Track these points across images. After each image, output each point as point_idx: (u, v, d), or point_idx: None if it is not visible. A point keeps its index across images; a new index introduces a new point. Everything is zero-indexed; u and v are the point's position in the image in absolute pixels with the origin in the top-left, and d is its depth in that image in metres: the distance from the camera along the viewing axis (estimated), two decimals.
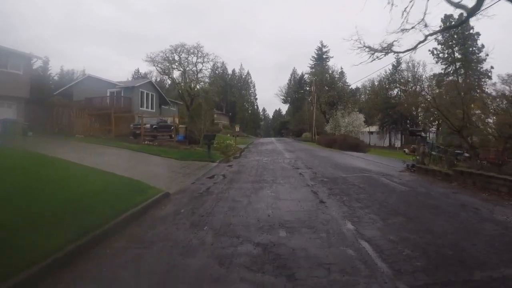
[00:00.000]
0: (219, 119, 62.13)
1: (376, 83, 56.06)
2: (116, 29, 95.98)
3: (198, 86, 32.38)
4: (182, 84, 32.68)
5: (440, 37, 35.00)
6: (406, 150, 35.87)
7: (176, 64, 31.91)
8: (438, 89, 35.72)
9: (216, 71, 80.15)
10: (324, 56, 65.00)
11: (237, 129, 47.93)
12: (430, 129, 57.93)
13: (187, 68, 31.95)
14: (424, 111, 48.45)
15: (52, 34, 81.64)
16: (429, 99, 19.32)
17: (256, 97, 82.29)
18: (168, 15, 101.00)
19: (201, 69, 32.71)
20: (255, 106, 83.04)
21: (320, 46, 65.48)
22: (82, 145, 12.19)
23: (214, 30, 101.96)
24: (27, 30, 67.78)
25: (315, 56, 65.59)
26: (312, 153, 18.54)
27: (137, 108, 24.39)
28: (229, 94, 77.74)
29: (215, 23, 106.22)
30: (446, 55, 36.10)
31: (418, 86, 51.08)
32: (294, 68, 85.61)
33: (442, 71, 35.60)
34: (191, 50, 31.63)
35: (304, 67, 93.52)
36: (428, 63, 68.77)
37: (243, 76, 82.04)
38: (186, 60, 31.59)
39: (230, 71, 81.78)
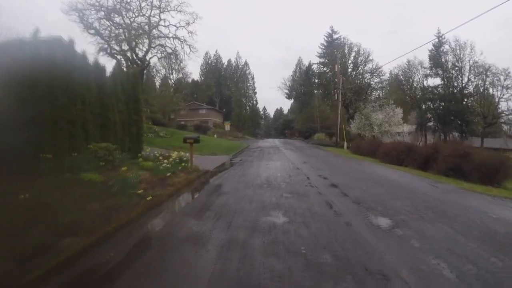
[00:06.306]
0: (209, 116, 50.09)
1: (400, 72, 44.09)
2: None
3: (151, 52, 18.58)
4: (123, 44, 18.60)
5: None
6: None
7: (115, 15, 18.06)
8: None
9: (209, 61, 69.14)
10: (335, 43, 52.76)
11: (227, 128, 34.65)
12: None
13: (134, 24, 18.23)
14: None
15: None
16: None
17: (256, 91, 69.51)
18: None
19: (158, 24, 19.02)
20: (254, 102, 70.14)
21: (330, 32, 53.41)
22: None
23: (209, 25, 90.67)
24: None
25: (325, 44, 53.44)
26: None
27: None
28: (224, 87, 65.50)
29: (210, 17, 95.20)
30: None
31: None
32: (300, 58, 72.62)
33: None
34: None
35: (307, 61, 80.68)
36: (478, 44, 54.33)
37: (240, 66, 69.42)
38: (132, 11, 18.05)
39: (225, 61, 69.82)
